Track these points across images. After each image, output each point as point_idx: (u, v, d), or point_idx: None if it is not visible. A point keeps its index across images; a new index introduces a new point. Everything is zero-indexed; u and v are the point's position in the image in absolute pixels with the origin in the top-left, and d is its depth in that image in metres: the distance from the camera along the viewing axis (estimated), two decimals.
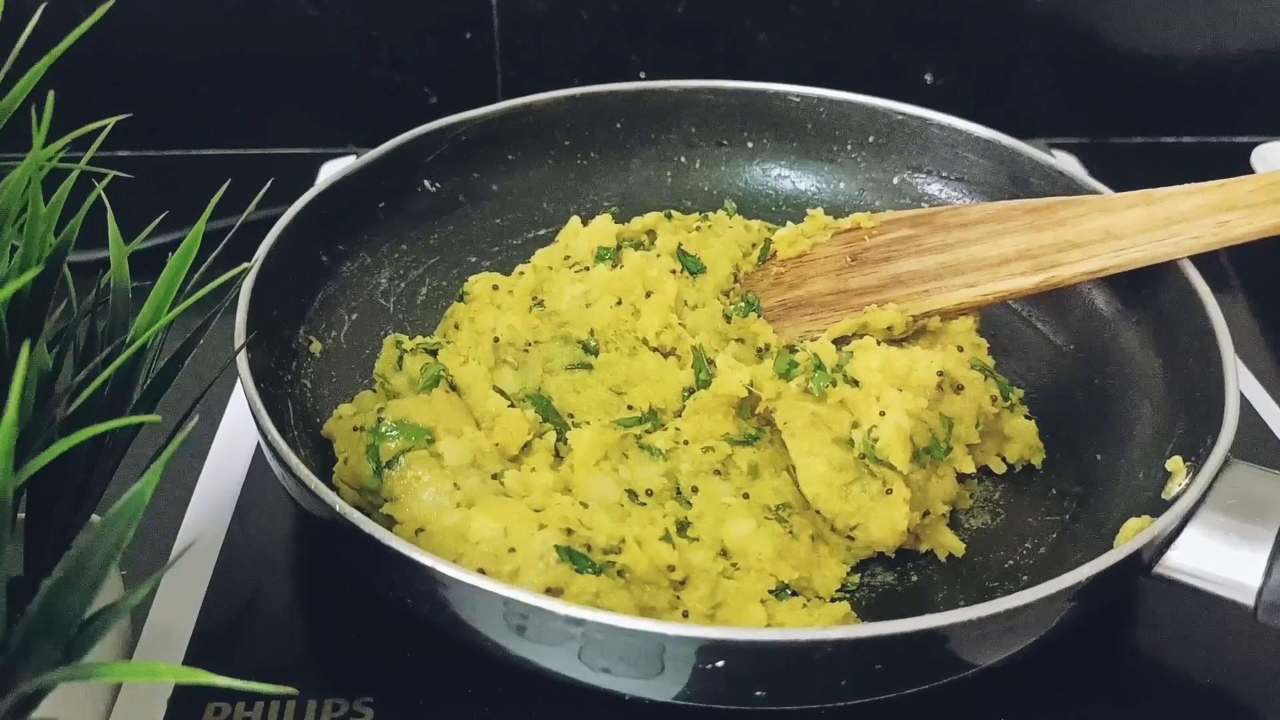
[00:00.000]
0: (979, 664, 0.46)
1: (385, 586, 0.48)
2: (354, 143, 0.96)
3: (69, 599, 0.33)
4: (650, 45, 0.95)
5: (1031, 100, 0.99)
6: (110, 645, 0.50)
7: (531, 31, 0.94)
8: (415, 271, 0.71)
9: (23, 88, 0.44)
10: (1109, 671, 0.52)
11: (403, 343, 0.61)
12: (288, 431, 0.55)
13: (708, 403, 0.57)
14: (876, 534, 0.54)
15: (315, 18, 0.92)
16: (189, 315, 0.43)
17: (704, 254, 0.66)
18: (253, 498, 0.59)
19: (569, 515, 0.51)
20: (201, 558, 0.55)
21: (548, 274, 0.65)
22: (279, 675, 0.34)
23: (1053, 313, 0.69)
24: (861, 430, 0.54)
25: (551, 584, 0.48)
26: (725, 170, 0.79)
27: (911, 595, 0.55)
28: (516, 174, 0.75)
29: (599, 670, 0.45)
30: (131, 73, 0.93)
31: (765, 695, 0.44)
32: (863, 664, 0.44)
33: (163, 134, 0.95)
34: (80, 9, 0.44)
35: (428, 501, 0.51)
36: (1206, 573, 0.48)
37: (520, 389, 0.60)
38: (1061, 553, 0.55)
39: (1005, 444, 0.60)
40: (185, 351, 0.45)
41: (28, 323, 0.41)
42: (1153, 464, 0.55)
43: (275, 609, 0.55)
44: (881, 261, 0.63)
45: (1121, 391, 0.61)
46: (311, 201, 0.64)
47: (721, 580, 0.52)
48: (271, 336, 0.58)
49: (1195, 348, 0.57)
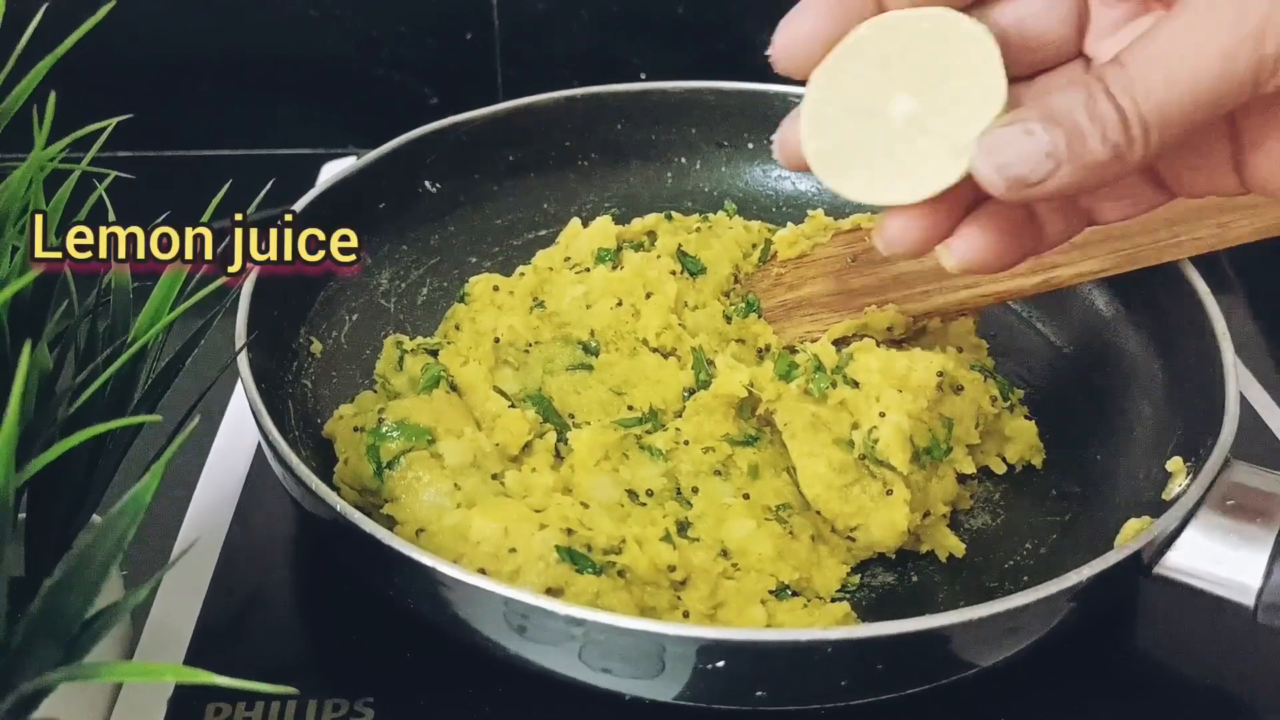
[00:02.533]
0: (979, 664, 0.46)
1: (386, 587, 0.48)
2: (354, 143, 0.96)
3: (69, 599, 0.33)
4: (650, 45, 0.95)
5: None
6: (110, 645, 0.50)
7: (531, 31, 0.94)
8: (416, 272, 0.71)
9: (24, 89, 0.44)
10: (1109, 671, 0.52)
11: (403, 343, 0.61)
12: (288, 432, 0.55)
13: (708, 403, 0.57)
14: (877, 535, 0.54)
15: (315, 18, 0.92)
16: (189, 315, 0.43)
17: (704, 255, 0.66)
18: (253, 498, 0.59)
19: (569, 515, 0.51)
20: (201, 558, 0.55)
21: (548, 275, 0.65)
22: (279, 675, 0.34)
23: (1053, 313, 0.69)
24: (861, 431, 0.54)
25: (552, 584, 0.48)
26: (725, 171, 0.79)
27: (911, 595, 0.55)
28: (517, 174, 0.75)
29: (599, 670, 0.45)
30: (131, 73, 0.92)
31: (765, 695, 0.44)
32: (863, 664, 0.44)
33: (163, 134, 0.95)
34: (81, 10, 0.44)
35: (428, 502, 0.51)
36: (1206, 573, 0.48)
37: (521, 389, 0.60)
38: (1061, 553, 0.55)
39: (1005, 444, 0.60)
40: (186, 352, 0.45)
41: (29, 323, 0.41)
42: (1153, 464, 0.55)
43: (275, 609, 0.55)
44: (881, 262, 0.63)
45: (1121, 391, 0.62)
46: (312, 202, 0.64)
47: (722, 580, 0.52)
48: (272, 337, 0.58)
49: (1195, 348, 0.57)
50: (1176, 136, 0.38)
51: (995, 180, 0.39)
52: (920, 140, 0.41)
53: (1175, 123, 0.37)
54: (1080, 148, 0.38)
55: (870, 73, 0.41)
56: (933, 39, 0.41)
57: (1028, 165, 0.38)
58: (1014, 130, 0.38)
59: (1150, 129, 0.37)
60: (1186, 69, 0.36)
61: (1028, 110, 0.39)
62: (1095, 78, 0.38)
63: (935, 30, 0.41)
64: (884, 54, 0.41)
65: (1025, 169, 0.38)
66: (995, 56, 0.40)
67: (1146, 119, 0.37)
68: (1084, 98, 0.38)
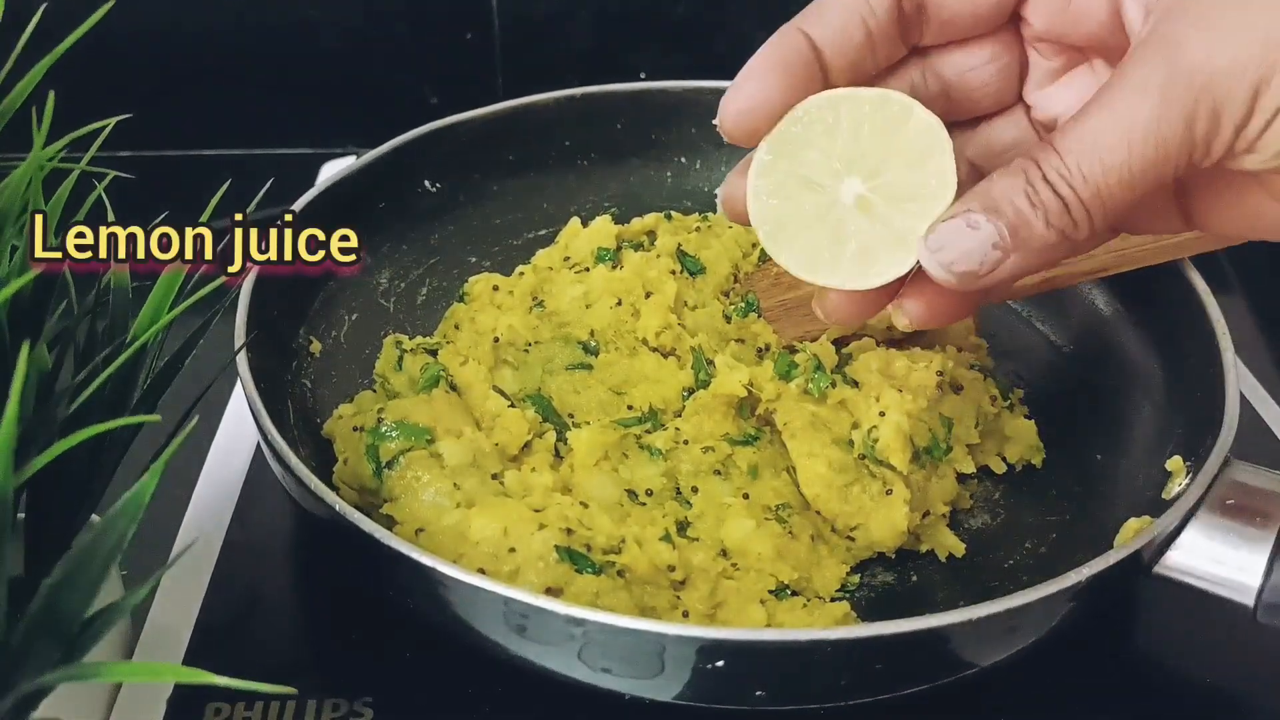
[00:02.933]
0: (979, 664, 0.46)
1: (385, 586, 0.48)
2: (354, 143, 0.96)
3: (69, 599, 0.33)
4: (650, 45, 0.95)
5: None
6: (110, 645, 0.50)
7: (531, 31, 0.94)
8: (415, 271, 0.71)
9: (24, 88, 0.44)
10: (1109, 671, 0.52)
11: (403, 343, 0.61)
12: (288, 431, 0.55)
13: (707, 403, 0.57)
14: (877, 534, 0.54)
15: (315, 18, 0.92)
16: (189, 315, 0.43)
17: (704, 254, 0.66)
18: (253, 498, 0.59)
19: (569, 515, 0.51)
20: (201, 558, 0.55)
21: (548, 274, 0.65)
22: (278, 675, 0.34)
23: (1053, 313, 0.69)
24: (861, 431, 0.54)
25: (551, 584, 0.48)
26: (725, 170, 0.78)
27: (911, 595, 0.55)
28: (516, 174, 0.75)
29: (599, 670, 0.45)
30: (131, 73, 0.92)
31: (765, 695, 0.44)
32: (863, 664, 0.44)
33: (163, 134, 0.95)
34: (81, 9, 0.44)
35: (428, 501, 0.51)
36: (1206, 573, 0.48)
37: (520, 389, 0.60)
38: (1061, 553, 0.55)
39: (1005, 444, 0.60)
40: (185, 351, 0.45)
41: (28, 323, 0.41)
42: (1153, 464, 0.55)
43: (274, 608, 0.55)
44: None
45: (1121, 391, 0.62)
46: (311, 202, 0.64)
47: (721, 580, 0.52)
48: (272, 336, 0.58)
49: (1195, 348, 0.57)
50: (1121, 210, 0.38)
51: (946, 277, 0.39)
52: (867, 226, 0.41)
53: (1117, 200, 0.37)
54: (1027, 234, 0.38)
55: (820, 144, 0.41)
56: (887, 121, 0.41)
57: (976, 259, 0.38)
58: (958, 224, 0.38)
59: (1092, 211, 0.37)
60: (1119, 156, 0.36)
61: (970, 200, 0.38)
62: (1033, 163, 0.38)
63: (890, 113, 0.41)
64: (834, 128, 0.41)
65: (974, 264, 0.38)
66: (947, 149, 0.40)
67: (1087, 204, 0.37)
68: (1023, 185, 0.38)
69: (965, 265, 0.38)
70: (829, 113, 0.41)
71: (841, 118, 0.41)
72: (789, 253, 0.42)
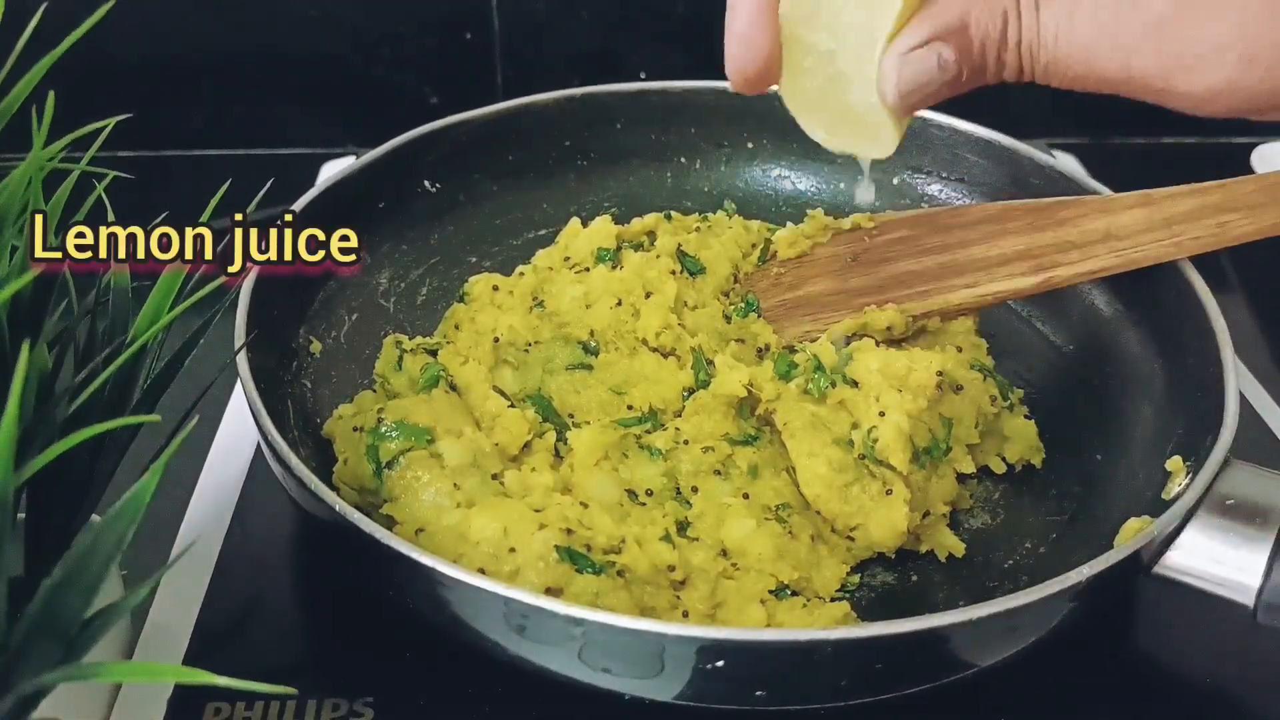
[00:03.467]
0: (979, 664, 0.46)
1: (385, 586, 0.48)
2: (354, 143, 0.96)
3: (69, 599, 0.33)
4: (650, 45, 0.95)
5: (1031, 100, 0.99)
6: (110, 645, 0.50)
7: (531, 31, 0.94)
8: (415, 271, 0.71)
9: (23, 88, 0.44)
10: (1109, 671, 0.52)
11: (403, 343, 0.61)
12: (288, 432, 0.55)
13: (707, 403, 0.57)
14: (876, 535, 0.54)
15: (315, 18, 0.92)
16: (189, 315, 0.43)
17: (704, 255, 0.66)
18: (253, 498, 0.59)
19: (569, 515, 0.51)
20: (201, 558, 0.55)
21: (548, 274, 0.65)
22: (279, 675, 0.34)
23: (1053, 313, 0.69)
24: (861, 431, 0.54)
25: (551, 584, 0.48)
26: (725, 170, 0.79)
27: (911, 595, 0.55)
28: (516, 174, 0.75)
29: (599, 670, 0.45)
30: (131, 73, 0.93)
31: (765, 695, 0.44)
32: (863, 664, 0.44)
33: (163, 134, 0.95)
34: (80, 9, 0.44)
35: (428, 502, 0.51)
36: (1206, 573, 0.48)
37: (520, 389, 0.60)
38: (1061, 553, 0.55)
39: (1005, 444, 0.60)
40: (185, 352, 0.45)
41: (28, 323, 0.41)
42: (1153, 464, 0.55)
43: (275, 609, 0.55)
44: (881, 262, 0.63)
45: (1121, 391, 0.62)
46: (311, 201, 0.64)
47: (721, 580, 0.52)
48: (271, 336, 0.58)
49: (1195, 348, 0.57)
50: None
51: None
52: (849, 86, 0.47)
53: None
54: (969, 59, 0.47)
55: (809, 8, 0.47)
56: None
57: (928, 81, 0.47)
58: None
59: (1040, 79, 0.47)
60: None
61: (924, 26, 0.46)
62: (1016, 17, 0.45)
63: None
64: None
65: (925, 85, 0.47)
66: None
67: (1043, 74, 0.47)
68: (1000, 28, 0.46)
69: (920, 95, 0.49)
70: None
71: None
72: (814, 121, 0.52)
